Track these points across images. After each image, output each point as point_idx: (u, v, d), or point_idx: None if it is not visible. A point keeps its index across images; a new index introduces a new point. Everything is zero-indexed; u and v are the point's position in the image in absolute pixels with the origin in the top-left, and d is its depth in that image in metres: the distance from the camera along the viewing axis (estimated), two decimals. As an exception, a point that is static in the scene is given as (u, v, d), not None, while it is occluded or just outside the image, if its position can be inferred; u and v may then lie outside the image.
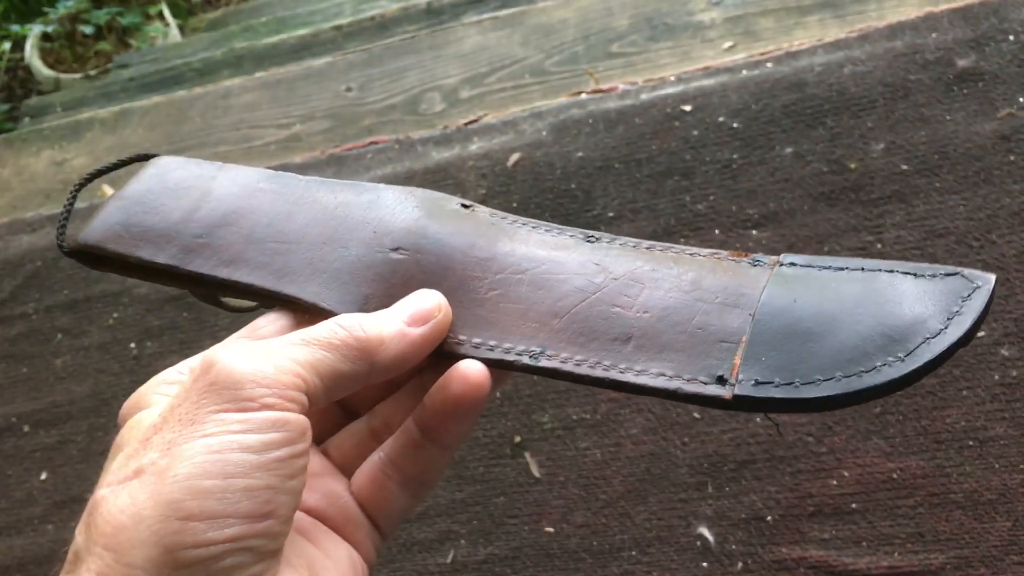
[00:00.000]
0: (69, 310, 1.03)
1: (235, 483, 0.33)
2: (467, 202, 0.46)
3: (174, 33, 2.50)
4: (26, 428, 0.97)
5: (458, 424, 0.40)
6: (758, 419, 0.76)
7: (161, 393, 0.38)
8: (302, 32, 1.73)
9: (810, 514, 0.72)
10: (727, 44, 1.12)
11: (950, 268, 0.37)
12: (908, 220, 0.79)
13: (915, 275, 0.37)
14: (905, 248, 0.77)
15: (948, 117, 0.81)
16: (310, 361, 0.36)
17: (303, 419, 0.35)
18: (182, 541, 0.32)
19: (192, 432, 0.33)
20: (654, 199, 0.87)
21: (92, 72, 2.34)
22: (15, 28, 2.60)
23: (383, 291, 0.42)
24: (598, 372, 0.39)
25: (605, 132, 0.92)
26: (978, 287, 0.36)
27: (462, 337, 0.41)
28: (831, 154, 0.83)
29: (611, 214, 0.88)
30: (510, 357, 0.40)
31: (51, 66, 2.47)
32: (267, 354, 0.35)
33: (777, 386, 0.35)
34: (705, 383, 0.37)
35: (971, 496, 0.70)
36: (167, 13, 2.58)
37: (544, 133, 0.95)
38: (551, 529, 0.78)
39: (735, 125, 0.88)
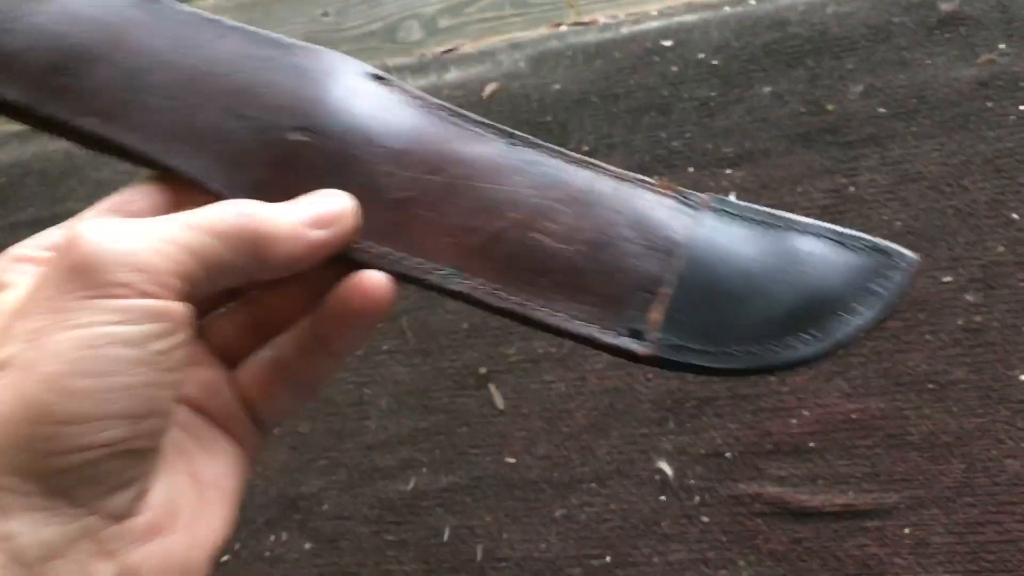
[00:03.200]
0: (34, 228, 1.01)
1: (113, 381, 0.29)
2: (381, 72, 0.41)
3: (151, -47, 2.43)
4: (-12, 346, 0.96)
5: (355, 334, 0.38)
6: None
7: (17, 272, 0.35)
8: (281, -45, 1.69)
9: (768, 452, 0.73)
10: (712, -19, 1.10)
11: (878, 241, 0.37)
12: (883, 163, 0.78)
13: (843, 244, 0.37)
14: (878, 191, 0.77)
15: (928, 61, 0.80)
16: (193, 246, 0.32)
17: (185, 308, 0.32)
18: (55, 447, 0.29)
19: (61, 321, 0.29)
20: (630, 134, 0.86)
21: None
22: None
23: (279, 179, 0.38)
24: (512, 305, 0.37)
25: (583, 65, 0.91)
26: (900, 267, 0.36)
27: (367, 243, 0.37)
28: (809, 95, 0.82)
29: (586, 148, 0.87)
30: (417, 274, 0.37)
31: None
32: (142, 233, 0.31)
33: (693, 351, 0.36)
34: (621, 334, 0.37)
35: (928, 438, 0.70)
36: (144, -68, 2.50)
37: (522, 64, 0.93)
38: (512, 460, 0.78)
39: (714, 62, 0.86)
